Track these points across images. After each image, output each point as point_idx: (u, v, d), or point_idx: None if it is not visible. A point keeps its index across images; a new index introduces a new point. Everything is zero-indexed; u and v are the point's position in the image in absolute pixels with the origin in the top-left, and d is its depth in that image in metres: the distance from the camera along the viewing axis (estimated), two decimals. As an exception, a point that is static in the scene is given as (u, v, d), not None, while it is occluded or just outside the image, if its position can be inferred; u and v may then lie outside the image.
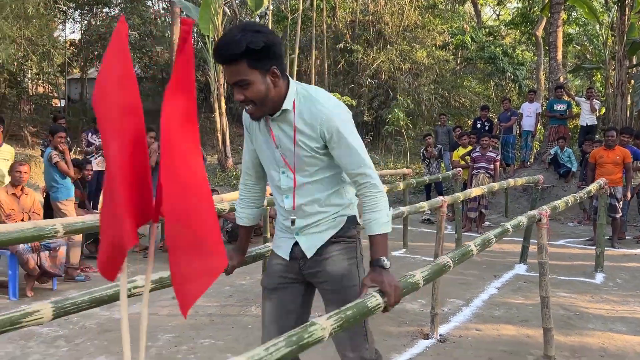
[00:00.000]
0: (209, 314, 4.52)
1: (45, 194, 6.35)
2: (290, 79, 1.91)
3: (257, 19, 15.50)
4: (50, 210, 5.85)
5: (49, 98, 22.76)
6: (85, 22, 24.15)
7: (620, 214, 7.47)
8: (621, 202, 7.43)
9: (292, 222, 2.01)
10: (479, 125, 11.06)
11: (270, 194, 2.17)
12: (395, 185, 6.05)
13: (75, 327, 4.18)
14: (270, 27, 13.19)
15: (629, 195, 7.59)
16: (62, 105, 22.67)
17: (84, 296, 1.64)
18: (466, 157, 9.13)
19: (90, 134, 8.41)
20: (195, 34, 24.83)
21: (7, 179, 5.31)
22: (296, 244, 2.04)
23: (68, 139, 6.65)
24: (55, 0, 16.72)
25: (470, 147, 9.30)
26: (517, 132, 11.72)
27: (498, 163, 8.67)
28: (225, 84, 17.72)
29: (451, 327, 4.23)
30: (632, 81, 11.19)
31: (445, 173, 8.24)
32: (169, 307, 4.68)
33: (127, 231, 0.91)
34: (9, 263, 4.89)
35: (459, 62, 20.44)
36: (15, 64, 14.60)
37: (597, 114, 11.18)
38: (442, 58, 18.58)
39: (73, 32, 26.39)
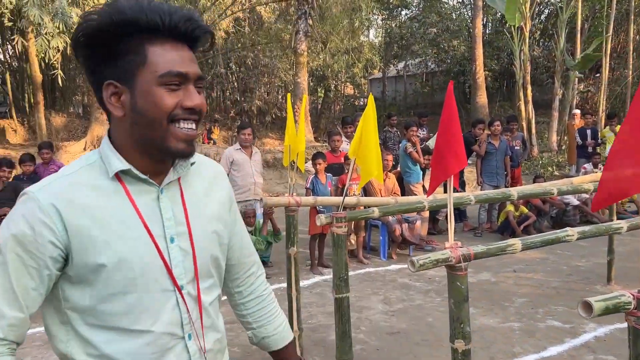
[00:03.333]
0: (553, 287, 4.98)
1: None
2: None
3: None
4: (402, 191, 7.09)
5: (355, 97, 26.22)
6: (387, 26, 26.83)
7: None
8: None
9: None
10: None
11: None
12: None
13: (439, 284, 5.15)
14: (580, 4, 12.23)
15: None
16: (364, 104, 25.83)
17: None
18: None
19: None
20: (491, 22, 24.99)
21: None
22: None
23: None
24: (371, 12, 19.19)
25: None
26: None
27: None
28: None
29: None
30: None
31: None
32: (511, 278, 5.34)
33: None
34: (381, 231, 6.24)
35: None
36: (341, 71, 17.31)
37: None
38: None
39: (377, 37, 29.50)
